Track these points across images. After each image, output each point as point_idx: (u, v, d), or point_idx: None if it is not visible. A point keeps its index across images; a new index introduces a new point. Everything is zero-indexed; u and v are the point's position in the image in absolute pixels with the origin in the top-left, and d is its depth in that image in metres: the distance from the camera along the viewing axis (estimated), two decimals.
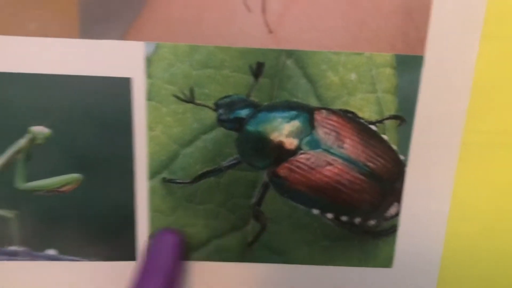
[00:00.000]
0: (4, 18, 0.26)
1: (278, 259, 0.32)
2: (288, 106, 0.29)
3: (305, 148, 0.29)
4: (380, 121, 0.30)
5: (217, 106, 0.29)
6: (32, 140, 0.28)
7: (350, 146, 0.30)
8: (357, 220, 0.31)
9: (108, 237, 0.31)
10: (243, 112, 0.29)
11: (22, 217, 0.30)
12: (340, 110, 0.30)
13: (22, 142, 0.29)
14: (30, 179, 0.29)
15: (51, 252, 0.31)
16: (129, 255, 0.31)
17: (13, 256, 0.31)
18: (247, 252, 0.32)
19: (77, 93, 0.28)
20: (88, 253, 0.31)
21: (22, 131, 0.28)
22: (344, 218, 0.31)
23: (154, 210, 0.30)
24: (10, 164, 0.29)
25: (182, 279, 0.31)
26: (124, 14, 0.26)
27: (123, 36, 0.27)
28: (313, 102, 0.29)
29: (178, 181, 0.30)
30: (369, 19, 0.28)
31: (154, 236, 0.30)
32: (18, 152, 0.29)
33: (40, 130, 0.28)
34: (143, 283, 0.27)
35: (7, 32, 0.26)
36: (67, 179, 0.29)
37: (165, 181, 0.30)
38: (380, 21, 0.28)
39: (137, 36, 0.27)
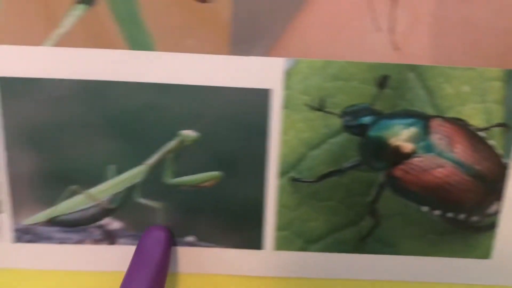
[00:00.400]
0: (168, 36, 0.31)
1: (388, 251, 0.35)
2: (407, 114, 0.32)
3: (419, 152, 0.33)
4: (488, 128, 0.33)
5: (344, 114, 0.32)
6: (181, 142, 0.33)
7: (461, 150, 0.33)
8: (462, 216, 0.34)
9: (240, 227, 0.35)
10: (367, 119, 0.32)
11: (167, 208, 0.35)
12: (453, 118, 0.33)
13: (172, 143, 0.33)
14: (176, 175, 0.34)
15: (190, 238, 0.35)
16: (256, 244, 0.35)
17: None
18: (361, 244, 0.35)
19: (223, 102, 0.32)
20: (221, 241, 0.35)
21: (173, 134, 0.33)
22: (450, 215, 0.34)
23: (281, 206, 0.34)
24: (161, 162, 0.34)
25: (168, 268, 0.34)
26: (269, 34, 0.30)
27: (266, 53, 0.31)
28: (429, 110, 0.32)
29: (304, 180, 0.34)
30: (483, 38, 0.31)
31: (144, 233, 0.34)
32: (168, 152, 0.33)
33: (188, 133, 0.33)
34: (136, 272, 0.31)
35: (169, 49, 0.31)
36: (209, 176, 0.34)
37: (293, 180, 0.34)
38: (493, 40, 0.31)
39: (278, 52, 0.31)
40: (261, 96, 0.32)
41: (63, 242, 0.35)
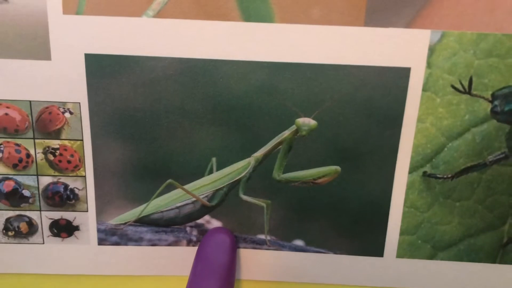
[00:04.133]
0: (289, 5, 0.26)
1: None
2: None
3: None
4: None
5: (493, 97, 0.27)
6: (296, 131, 0.28)
7: None
8: None
9: (358, 231, 0.30)
10: None
11: (274, 207, 0.30)
12: None
13: (285, 133, 0.29)
14: (288, 170, 0.29)
15: (299, 242, 0.31)
16: (377, 251, 0.30)
17: (260, 244, 0.31)
18: (502, 253, 0.30)
19: (351, 84, 0.27)
20: (335, 246, 0.31)
21: (288, 122, 0.28)
22: None
23: (409, 206, 0.29)
24: (271, 154, 0.29)
25: (234, 278, 0.30)
26: (414, 2, 0.25)
27: (408, 24, 0.26)
28: None
29: (439, 175, 0.29)
30: None
31: (205, 237, 0.29)
32: (280, 143, 0.29)
33: (306, 122, 0.28)
34: (201, 281, 0.26)
35: (291, 20, 0.26)
36: (325, 171, 0.29)
37: (426, 175, 0.29)
38: None
39: (423, 24, 0.26)
40: (398, 76, 0.27)
41: (154, 244, 0.31)
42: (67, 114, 0.28)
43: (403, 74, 0.27)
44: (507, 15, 0.25)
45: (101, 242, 0.31)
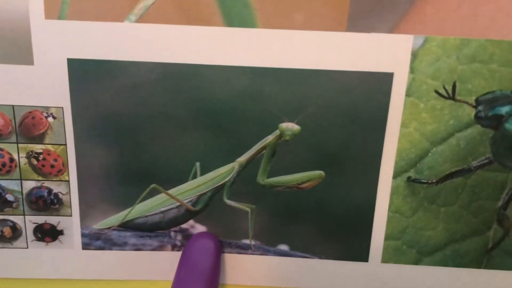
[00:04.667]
0: (272, 10, 0.26)
1: None
2: None
3: None
4: None
5: (477, 103, 0.27)
6: (280, 136, 0.28)
7: None
8: None
9: (343, 236, 0.30)
10: (504, 109, 0.27)
11: (258, 212, 0.30)
12: None
13: (269, 138, 0.28)
14: (271, 174, 0.29)
15: (283, 247, 0.31)
16: (362, 256, 0.30)
17: (244, 249, 0.31)
18: (487, 258, 0.30)
19: (334, 89, 0.27)
20: (320, 251, 0.30)
21: (271, 127, 0.28)
22: None
23: (394, 211, 0.29)
24: (254, 159, 0.29)
25: (218, 283, 0.29)
26: (397, 6, 0.25)
27: (391, 30, 0.26)
28: None
29: (423, 180, 0.29)
30: None
31: (189, 242, 0.29)
32: (264, 147, 0.29)
33: (289, 127, 0.28)
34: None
35: (274, 25, 0.26)
36: (309, 176, 0.29)
37: (410, 180, 0.29)
38: None
39: (406, 29, 0.26)
40: (381, 81, 0.27)
41: (139, 249, 0.31)
42: (50, 119, 0.28)
43: (386, 79, 0.27)
44: (490, 20, 0.25)
45: (85, 246, 0.31)
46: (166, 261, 0.31)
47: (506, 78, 0.26)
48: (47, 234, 0.31)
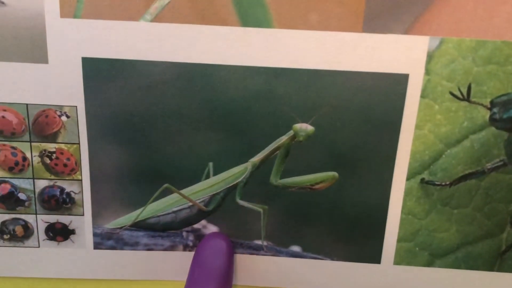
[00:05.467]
0: (287, 10, 0.26)
1: None
2: None
3: None
4: None
5: (492, 105, 0.27)
6: (293, 137, 0.28)
7: None
8: None
9: (355, 237, 0.30)
10: None
11: (271, 213, 0.30)
12: None
13: (283, 138, 0.28)
14: (284, 175, 0.29)
15: (295, 248, 0.31)
16: (374, 258, 0.30)
17: (257, 250, 0.31)
18: (500, 261, 0.30)
19: (349, 90, 0.27)
20: (332, 252, 0.30)
21: (285, 128, 0.28)
22: None
23: (407, 213, 0.29)
24: (268, 159, 0.29)
25: (231, 283, 0.29)
26: (413, 7, 0.25)
27: (407, 31, 0.26)
28: None
29: (437, 182, 0.28)
30: None
31: (201, 243, 0.29)
32: (278, 148, 0.29)
33: (303, 127, 0.28)
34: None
35: (289, 25, 0.26)
36: (323, 177, 0.29)
37: (424, 182, 0.29)
38: None
39: (421, 30, 0.26)
40: (397, 83, 0.27)
41: (150, 249, 0.30)
42: (63, 118, 0.28)
43: (401, 80, 0.27)
44: (506, 22, 0.25)
45: (97, 246, 0.31)
46: (178, 261, 0.31)
47: None
48: (59, 233, 0.31)
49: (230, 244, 0.29)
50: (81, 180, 0.29)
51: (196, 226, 0.30)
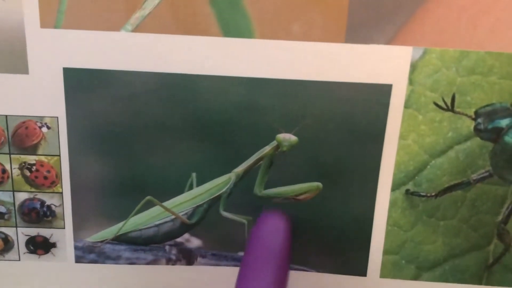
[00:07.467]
0: (269, 20, 0.26)
1: None
2: None
3: None
4: None
5: (476, 115, 0.27)
6: (277, 147, 0.28)
7: None
8: None
9: (341, 249, 0.30)
10: (503, 122, 0.27)
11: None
12: None
13: (266, 149, 0.28)
14: (268, 186, 0.29)
15: None
16: (360, 270, 0.30)
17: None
18: (487, 274, 0.29)
19: (332, 100, 0.27)
20: (317, 264, 0.30)
21: (268, 138, 0.28)
22: None
23: (392, 224, 0.29)
24: (251, 170, 0.29)
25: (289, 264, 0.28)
26: (396, 18, 0.25)
27: (390, 41, 0.25)
28: None
29: (422, 193, 0.28)
30: None
31: (258, 221, 0.27)
32: (261, 158, 0.28)
33: (287, 138, 0.27)
34: (252, 272, 0.25)
35: (271, 36, 0.26)
36: (307, 187, 0.28)
37: (409, 193, 0.28)
38: None
39: (405, 40, 0.25)
40: (379, 93, 0.26)
41: (133, 263, 0.30)
42: (44, 129, 0.28)
43: (384, 90, 0.26)
44: (490, 32, 0.25)
45: (78, 259, 0.30)
46: (161, 276, 0.30)
47: (505, 91, 0.26)
48: (40, 246, 0.30)
49: (289, 223, 0.27)
50: (61, 192, 0.29)
51: (179, 239, 0.30)
